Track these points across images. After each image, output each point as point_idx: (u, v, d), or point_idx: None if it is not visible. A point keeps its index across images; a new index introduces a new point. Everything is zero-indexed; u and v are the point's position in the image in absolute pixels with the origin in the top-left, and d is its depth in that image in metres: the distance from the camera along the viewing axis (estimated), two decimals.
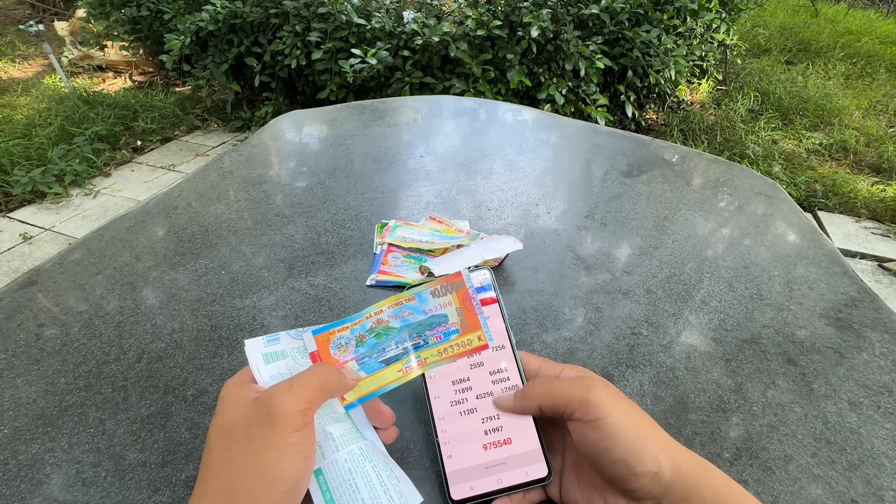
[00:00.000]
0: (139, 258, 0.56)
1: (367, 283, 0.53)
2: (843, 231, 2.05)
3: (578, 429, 0.30)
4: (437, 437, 0.34)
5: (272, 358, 0.32)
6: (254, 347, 0.32)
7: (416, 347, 0.35)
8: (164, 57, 2.52)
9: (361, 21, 2.27)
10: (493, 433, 0.34)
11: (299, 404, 0.27)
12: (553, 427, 0.35)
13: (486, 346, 0.36)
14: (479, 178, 0.73)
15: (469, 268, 0.50)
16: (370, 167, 0.76)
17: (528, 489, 0.33)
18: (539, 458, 0.33)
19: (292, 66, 2.38)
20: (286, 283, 0.53)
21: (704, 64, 3.05)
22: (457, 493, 0.32)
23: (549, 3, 2.26)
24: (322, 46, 2.29)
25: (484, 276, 0.38)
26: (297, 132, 0.88)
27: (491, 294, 0.37)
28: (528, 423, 0.34)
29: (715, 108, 2.97)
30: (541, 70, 2.26)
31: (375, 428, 0.34)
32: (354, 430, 0.32)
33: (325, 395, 0.30)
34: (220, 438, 0.27)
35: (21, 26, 2.90)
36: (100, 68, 3.48)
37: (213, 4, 2.39)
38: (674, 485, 0.27)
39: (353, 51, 2.20)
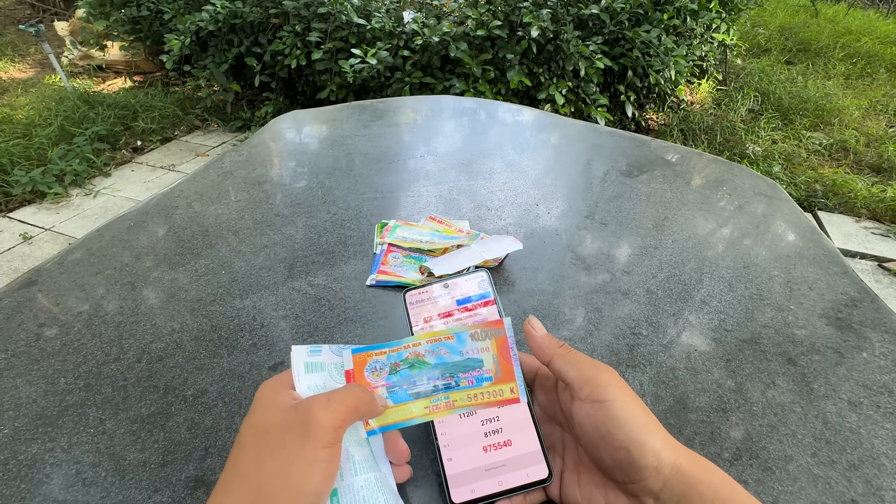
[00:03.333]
0: (139, 258, 0.56)
1: (367, 283, 0.53)
2: (843, 231, 2.04)
3: (583, 409, 0.30)
4: (436, 440, 0.34)
5: (312, 368, 0.33)
6: (298, 355, 0.33)
7: (447, 388, 0.35)
8: (164, 57, 2.52)
9: (361, 21, 2.27)
10: (493, 435, 0.34)
11: (335, 420, 0.28)
12: (552, 428, 0.35)
13: (517, 400, 0.34)
14: (479, 178, 0.73)
15: (468, 268, 0.50)
16: (370, 167, 0.76)
17: (528, 491, 0.32)
18: (539, 459, 0.33)
19: (292, 66, 2.38)
20: (286, 283, 0.53)
21: (704, 64, 3.05)
22: (457, 495, 0.32)
23: (549, 3, 2.26)
24: (322, 46, 2.29)
25: (482, 279, 0.38)
26: (297, 132, 0.88)
27: (489, 297, 0.37)
28: (528, 424, 0.34)
29: (715, 108, 2.97)
30: (541, 70, 2.26)
31: (390, 464, 0.34)
32: (373, 459, 0.32)
33: (356, 416, 0.30)
34: (253, 439, 0.28)
35: (21, 26, 2.90)
36: (100, 68, 3.48)
37: (213, 4, 2.39)
38: (673, 481, 0.27)
39: (353, 51, 2.20)
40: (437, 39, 2.19)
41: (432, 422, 0.34)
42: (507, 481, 0.32)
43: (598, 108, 2.29)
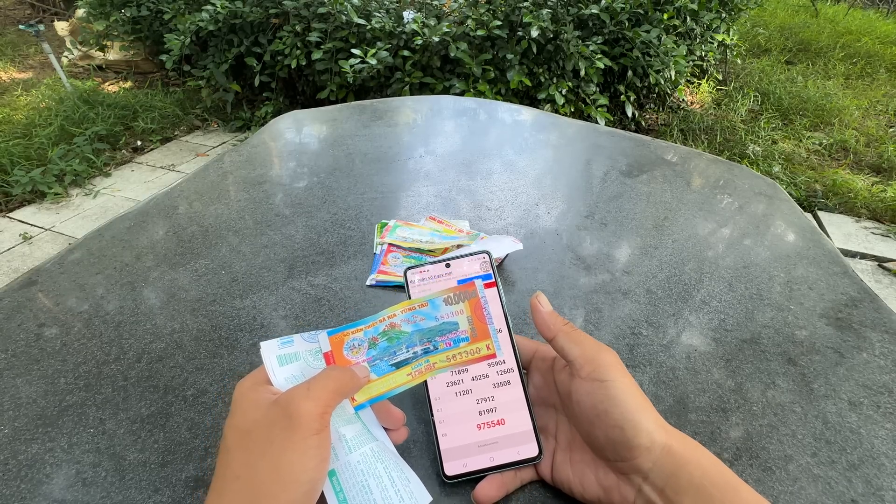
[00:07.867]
0: (139, 258, 0.56)
1: (367, 283, 0.53)
2: (843, 231, 2.05)
3: (582, 387, 0.31)
4: (432, 416, 0.35)
5: (286, 360, 0.33)
6: (269, 349, 0.33)
7: (426, 352, 0.36)
8: (164, 57, 2.52)
9: (361, 21, 2.27)
10: (487, 414, 0.35)
11: (318, 407, 0.28)
12: (546, 410, 0.36)
13: (493, 356, 0.36)
14: (478, 178, 0.73)
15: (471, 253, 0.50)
16: (370, 167, 0.76)
17: (519, 467, 0.34)
18: (531, 438, 0.34)
19: (292, 66, 2.38)
20: (286, 283, 0.53)
21: (704, 64, 3.05)
22: (450, 469, 0.33)
23: (549, 3, 2.27)
24: (322, 46, 2.29)
25: (484, 261, 0.38)
26: (297, 132, 0.88)
27: (490, 278, 0.38)
28: (522, 405, 0.35)
29: (715, 108, 2.97)
30: (541, 70, 2.26)
31: (385, 429, 0.35)
32: (366, 432, 0.32)
33: (340, 397, 0.30)
34: (238, 439, 0.28)
35: (21, 26, 2.90)
36: (100, 68, 3.48)
37: (213, 4, 2.40)
38: (663, 461, 0.28)
39: (353, 51, 2.20)
40: (437, 39, 2.19)
41: (429, 399, 0.35)
42: (499, 458, 0.34)
43: (598, 108, 2.29)
